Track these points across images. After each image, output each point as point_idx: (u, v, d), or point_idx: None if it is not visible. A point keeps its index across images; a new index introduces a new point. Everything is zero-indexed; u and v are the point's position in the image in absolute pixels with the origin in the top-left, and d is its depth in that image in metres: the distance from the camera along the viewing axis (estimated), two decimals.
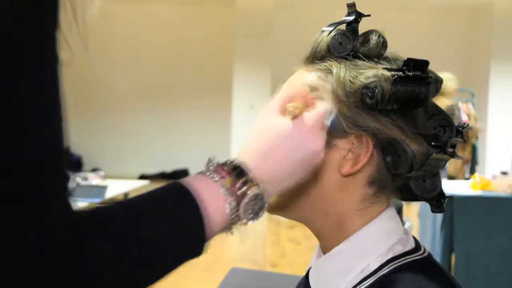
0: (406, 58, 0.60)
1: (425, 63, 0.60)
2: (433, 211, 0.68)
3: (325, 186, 0.63)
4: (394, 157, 0.61)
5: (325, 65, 0.65)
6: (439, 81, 0.64)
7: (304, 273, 0.72)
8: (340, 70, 0.63)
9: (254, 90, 7.58)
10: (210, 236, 0.49)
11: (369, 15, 0.65)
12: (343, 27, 0.66)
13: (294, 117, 0.56)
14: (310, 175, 0.58)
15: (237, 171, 0.51)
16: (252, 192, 0.50)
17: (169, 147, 9.07)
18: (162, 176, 8.87)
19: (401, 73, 0.59)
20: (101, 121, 8.76)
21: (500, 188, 3.22)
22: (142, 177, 8.35)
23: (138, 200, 0.47)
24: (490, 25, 7.79)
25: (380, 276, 0.61)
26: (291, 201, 0.65)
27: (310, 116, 0.56)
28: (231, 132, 7.70)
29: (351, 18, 0.65)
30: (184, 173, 8.94)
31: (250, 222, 0.51)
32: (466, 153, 4.78)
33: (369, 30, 0.66)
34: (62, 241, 0.40)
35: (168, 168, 9.01)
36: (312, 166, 0.56)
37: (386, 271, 0.61)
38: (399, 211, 0.67)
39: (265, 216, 0.53)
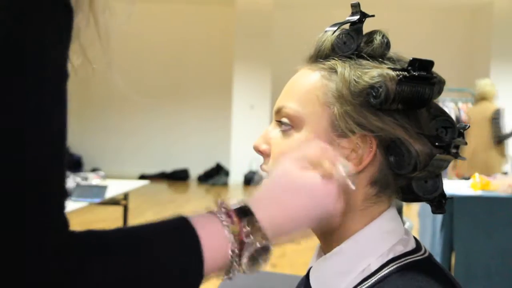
0: (411, 58, 0.60)
1: (430, 63, 0.60)
2: (433, 212, 0.68)
3: None
4: (397, 157, 0.61)
5: (329, 64, 0.65)
6: (442, 82, 0.64)
7: (304, 273, 0.72)
8: (344, 69, 0.63)
9: (254, 90, 7.58)
10: (206, 276, 0.47)
11: (373, 16, 0.65)
12: (346, 27, 0.66)
13: (326, 174, 0.55)
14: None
15: (248, 218, 0.50)
16: (258, 243, 0.49)
17: (169, 147, 9.07)
18: (162, 176, 8.87)
19: (406, 73, 0.59)
20: (101, 121, 8.76)
21: (500, 188, 3.22)
22: (142, 177, 8.35)
23: (139, 230, 0.46)
24: (490, 25, 7.79)
25: (381, 277, 0.61)
26: None
27: (335, 179, 0.56)
28: (231, 132, 7.70)
29: (355, 18, 0.65)
30: (184, 173, 8.95)
31: (249, 272, 0.50)
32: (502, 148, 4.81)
33: (373, 30, 0.66)
34: (55, 267, 0.39)
35: (168, 168, 9.01)
36: (321, 223, 0.56)
37: (387, 271, 0.61)
38: (399, 211, 0.67)
39: None
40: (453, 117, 5.07)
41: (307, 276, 0.69)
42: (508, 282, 3.04)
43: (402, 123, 0.61)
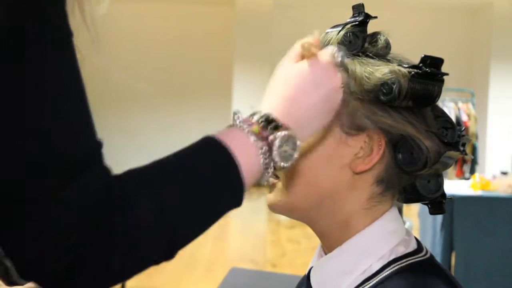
0: (423, 55, 0.60)
1: (441, 61, 0.60)
2: (432, 213, 0.68)
3: (335, 184, 0.63)
4: (406, 154, 0.61)
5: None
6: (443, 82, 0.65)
7: (304, 273, 0.71)
8: (354, 66, 0.63)
9: (254, 90, 7.58)
10: (248, 184, 0.49)
11: (375, 17, 0.65)
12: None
13: (310, 55, 0.56)
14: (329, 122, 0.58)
15: (264, 118, 0.51)
16: (281, 134, 0.50)
17: (169, 147, 9.00)
18: None
19: (418, 70, 0.60)
20: (101, 121, 8.74)
21: (500, 188, 3.22)
22: None
23: (173, 158, 0.48)
24: (490, 25, 7.79)
25: (382, 278, 0.60)
26: (297, 200, 0.65)
27: (323, 54, 0.56)
28: None
29: (359, 18, 0.65)
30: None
31: (286, 165, 0.51)
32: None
33: (375, 32, 0.67)
34: (104, 203, 0.42)
35: None
36: (334, 105, 0.56)
37: (388, 272, 0.61)
38: (399, 211, 0.67)
39: (265, 216, 0.52)
40: (453, 117, 5.08)
41: (307, 276, 0.69)
42: (508, 282, 3.04)
43: (411, 120, 0.61)
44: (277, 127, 0.51)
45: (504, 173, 4.92)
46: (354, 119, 0.61)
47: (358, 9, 0.66)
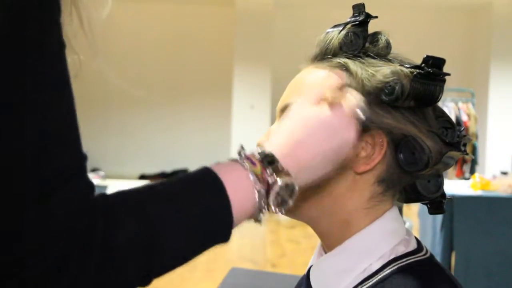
0: (425, 56, 0.61)
1: (443, 61, 0.60)
2: (431, 212, 0.68)
3: (336, 184, 0.63)
4: (408, 154, 0.62)
5: (339, 62, 0.64)
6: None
7: (304, 273, 0.71)
8: (356, 66, 0.63)
9: (254, 90, 7.57)
10: (237, 221, 0.48)
11: (376, 17, 0.65)
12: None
13: (331, 104, 0.55)
14: (334, 171, 0.57)
15: (267, 160, 0.50)
16: (282, 180, 0.50)
17: (169, 147, 9.07)
18: (162, 176, 8.86)
19: (420, 70, 0.60)
20: (101, 121, 8.76)
21: (500, 188, 3.23)
22: (142, 177, 8.35)
23: (165, 185, 0.48)
24: (490, 25, 7.79)
25: (382, 277, 0.61)
26: (298, 200, 0.65)
27: (346, 105, 0.56)
28: (231, 132, 7.70)
29: (360, 18, 0.65)
30: (184, 173, 8.92)
31: (279, 210, 0.51)
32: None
33: (376, 31, 0.67)
34: (88, 215, 0.40)
35: (168, 168, 9.00)
36: (341, 157, 0.56)
37: (388, 271, 0.61)
38: (399, 211, 0.67)
39: (265, 216, 0.52)
40: (453, 117, 5.07)
41: (307, 275, 0.69)
42: (508, 282, 3.04)
43: (413, 120, 0.61)
44: (277, 170, 0.50)
45: (504, 173, 4.92)
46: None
47: (358, 8, 0.66)
